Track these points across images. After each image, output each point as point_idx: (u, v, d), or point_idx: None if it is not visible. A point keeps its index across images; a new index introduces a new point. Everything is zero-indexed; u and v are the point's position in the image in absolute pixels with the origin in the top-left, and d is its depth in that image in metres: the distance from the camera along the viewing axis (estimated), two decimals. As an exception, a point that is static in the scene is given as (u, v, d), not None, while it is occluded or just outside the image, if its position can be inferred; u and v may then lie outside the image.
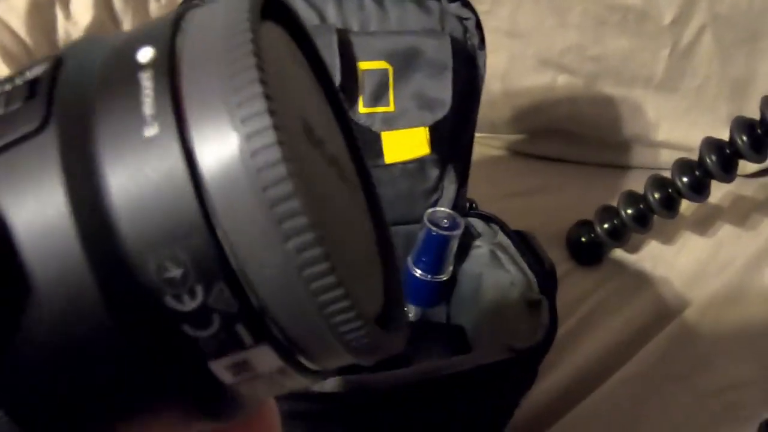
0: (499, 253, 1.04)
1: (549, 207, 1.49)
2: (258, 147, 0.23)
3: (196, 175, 0.24)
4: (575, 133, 1.58)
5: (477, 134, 1.55)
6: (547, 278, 0.99)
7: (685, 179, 1.26)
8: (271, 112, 0.23)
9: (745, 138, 1.20)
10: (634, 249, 1.43)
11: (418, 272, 1.03)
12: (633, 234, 1.36)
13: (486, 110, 1.47)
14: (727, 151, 1.23)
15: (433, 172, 1.08)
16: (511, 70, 1.50)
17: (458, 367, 0.84)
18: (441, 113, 1.00)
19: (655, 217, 1.32)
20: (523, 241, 1.05)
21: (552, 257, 1.36)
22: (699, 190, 1.27)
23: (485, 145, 1.60)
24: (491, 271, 1.04)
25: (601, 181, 1.57)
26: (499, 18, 1.46)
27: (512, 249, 1.04)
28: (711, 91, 1.55)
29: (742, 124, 1.21)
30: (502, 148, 1.62)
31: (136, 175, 0.24)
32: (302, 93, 0.32)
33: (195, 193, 0.24)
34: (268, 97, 0.23)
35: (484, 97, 1.38)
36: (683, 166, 1.27)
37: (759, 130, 1.20)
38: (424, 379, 0.82)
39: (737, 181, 1.52)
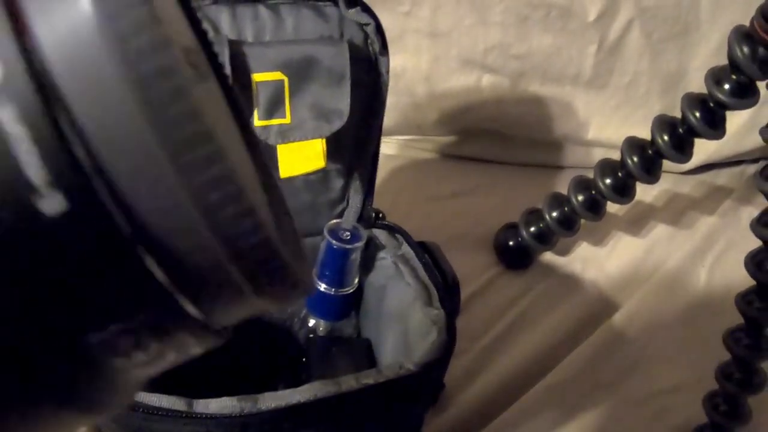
0: (401, 266, 1.01)
1: (478, 209, 1.47)
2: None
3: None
4: (504, 134, 1.56)
5: (405, 137, 1.53)
6: (449, 291, 0.97)
7: (607, 181, 1.24)
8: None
9: (666, 138, 1.18)
10: (563, 251, 1.41)
11: (322, 286, 1.01)
12: (560, 236, 1.34)
13: (412, 113, 1.46)
14: (649, 151, 1.21)
15: (337, 183, 1.06)
16: (435, 72, 1.48)
17: (348, 386, 0.82)
18: (338, 124, 0.98)
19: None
20: (426, 253, 1.03)
21: (480, 261, 1.35)
22: (622, 191, 1.25)
23: (414, 148, 1.58)
24: (394, 284, 1.02)
25: (532, 182, 1.55)
26: (419, 19, 1.43)
27: (415, 261, 1.02)
28: (642, 87, 1.53)
29: (663, 124, 1.19)
30: (431, 151, 1.60)
31: None
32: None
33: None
34: None
35: (409, 99, 1.36)
36: (605, 167, 1.25)
37: (681, 129, 1.17)
38: (314, 398, 0.80)
39: (673, 178, 1.51)
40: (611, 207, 1.31)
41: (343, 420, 0.87)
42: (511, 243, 1.38)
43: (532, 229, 1.34)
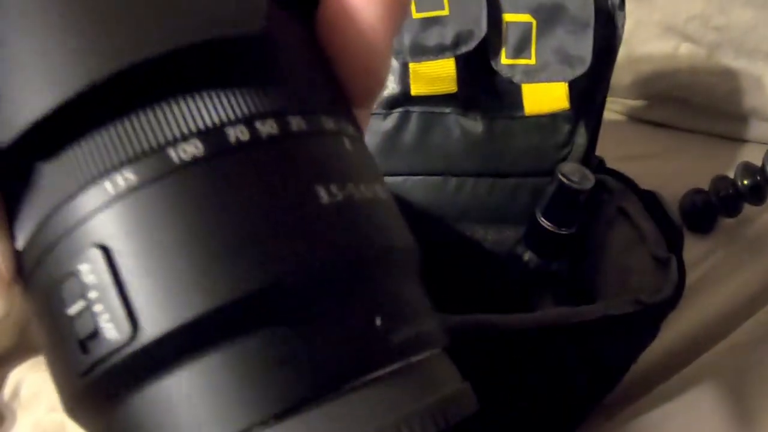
0: (629, 210, 1.05)
1: (663, 173, 1.49)
2: None
3: None
4: (693, 102, 1.58)
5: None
6: (674, 236, 1.00)
7: (806, 154, 1.26)
8: None
9: None
10: (747, 220, 1.43)
11: (546, 223, 1.04)
12: (746, 205, 1.36)
13: (607, 74, 1.48)
14: None
15: (565, 127, 1.10)
16: (635, 35, 1.51)
17: (586, 315, 0.85)
18: (581, 70, 1.02)
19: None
20: (651, 200, 1.06)
21: (664, 222, 1.37)
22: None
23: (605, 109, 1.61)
24: (618, 228, 1.05)
25: (716, 152, 1.57)
26: (627, -19, 1.46)
27: (640, 206, 1.05)
28: (830, 70, 1.54)
29: None
30: (620, 113, 1.63)
31: None
32: None
33: None
34: None
35: (606, 60, 1.39)
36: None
37: None
38: (550, 324, 0.85)
39: None
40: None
41: (564, 351, 0.90)
42: (697, 206, 1.41)
43: (721, 194, 1.36)
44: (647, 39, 1.52)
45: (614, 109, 1.62)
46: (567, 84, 1.01)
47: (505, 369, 0.90)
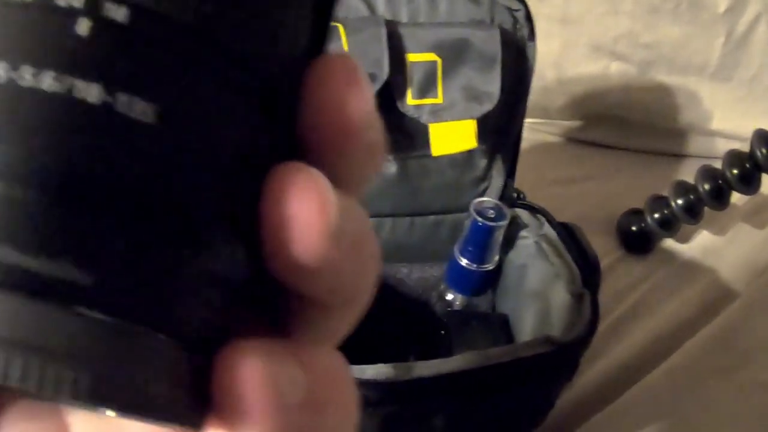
0: (544, 245, 1.04)
1: (601, 194, 1.49)
2: None
3: None
4: (628, 121, 1.58)
5: (531, 120, 1.56)
6: (590, 272, 1.00)
7: (735, 171, 1.25)
8: None
9: (797, 131, 1.19)
10: (684, 239, 1.42)
11: (464, 261, 1.03)
12: (683, 224, 1.35)
13: (539, 97, 1.47)
14: (779, 144, 1.22)
15: (481, 162, 1.09)
16: (565, 57, 1.51)
17: (498, 358, 0.84)
18: (489, 106, 1.01)
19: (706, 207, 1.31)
20: (568, 234, 1.05)
21: (602, 245, 1.36)
22: (749, 182, 1.26)
23: (539, 131, 1.61)
24: (536, 263, 1.05)
25: (654, 169, 1.56)
26: (552, 5, 1.46)
27: (557, 241, 1.04)
28: (765, 81, 1.54)
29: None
30: (556, 135, 1.63)
31: None
32: None
33: None
34: None
35: (538, 83, 1.39)
36: (733, 157, 1.27)
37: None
38: (465, 368, 0.83)
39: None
40: (732, 197, 1.32)
41: (482, 392, 0.89)
42: (634, 228, 1.39)
43: (657, 215, 1.35)
44: (577, 60, 1.52)
45: (550, 131, 1.62)
46: (476, 121, 1.00)
47: (422, 416, 0.89)
